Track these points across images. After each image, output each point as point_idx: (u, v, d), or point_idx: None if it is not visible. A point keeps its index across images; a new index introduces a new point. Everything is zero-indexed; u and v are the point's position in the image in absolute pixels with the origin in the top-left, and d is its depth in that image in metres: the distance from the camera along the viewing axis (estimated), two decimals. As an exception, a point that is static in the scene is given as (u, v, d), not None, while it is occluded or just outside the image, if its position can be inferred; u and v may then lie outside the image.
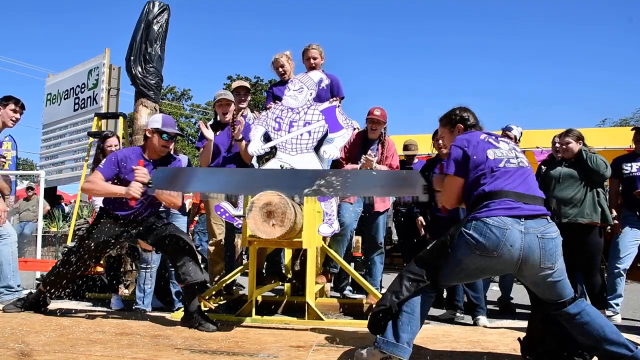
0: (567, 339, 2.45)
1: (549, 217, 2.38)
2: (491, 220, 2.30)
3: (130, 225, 3.55)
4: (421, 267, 2.46)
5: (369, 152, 4.33)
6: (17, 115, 4.01)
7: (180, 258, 3.42)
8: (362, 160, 4.23)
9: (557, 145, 4.35)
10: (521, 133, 4.81)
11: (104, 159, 3.48)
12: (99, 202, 4.00)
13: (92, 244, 3.52)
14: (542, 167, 4.55)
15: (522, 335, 2.66)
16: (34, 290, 3.91)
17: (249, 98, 4.95)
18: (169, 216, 4.48)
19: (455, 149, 2.54)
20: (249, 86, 4.93)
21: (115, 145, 4.49)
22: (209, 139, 4.23)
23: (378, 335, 2.43)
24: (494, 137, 2.61)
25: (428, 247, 2.53)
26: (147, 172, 3.34)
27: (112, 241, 3.56)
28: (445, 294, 4.38)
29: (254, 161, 4.44)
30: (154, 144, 3.49)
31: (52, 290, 3.61)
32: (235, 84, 4.93)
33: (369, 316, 2.61)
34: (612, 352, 2.29)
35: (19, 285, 3.91)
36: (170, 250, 3.48)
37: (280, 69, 4.55)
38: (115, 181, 3.45)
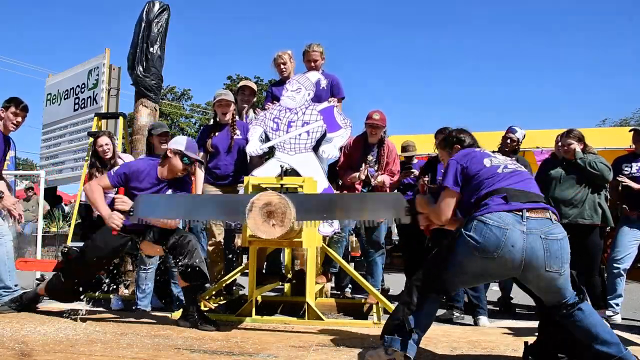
0: (568, 343, 2.43)
1: (553, 217, 2.32)
2: (491, 220, 2.25)
3: (135, 232, 3.49)
4: (428, 276, 2.41)
5: (368, 156, 4.33)
6: (19, 119, 3.76)
7: (191, 258, 3.38)
8: (361, 174, 4.26)
9: (559, 145, 4.33)
10: (524, 135, 4.79)
11: (119, 166, 3.48)
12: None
13: (98, 255, 3.48)
14: (544, 167, 4.54)
15: (524, 337, 2.65)
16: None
17: (254, 99, 4.94)
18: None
19: (452, 163, 2.58)
20: (254, 87, 4.91)
21: (106, 144, 4.36)
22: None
23: (387, 335, 2.40)
24: (491, 152, 2.69)
25: (432, 253, 2.51)
26: (127, 200, 3.33)
27: (118, 250, 3.55)
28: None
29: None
30: (174, 165, 3.44)
31: (54, 299, 3.61)
32: (241, 83, 4.93)
33: (384, 325, 2.53)
34: (602, 352, 2.26)
35: (16, 285, 3.91)
36: (183, 251, 3.42)
37: (282, 67, 4.55)
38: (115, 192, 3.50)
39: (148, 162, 3.58)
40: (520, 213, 2.27)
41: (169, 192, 3.50)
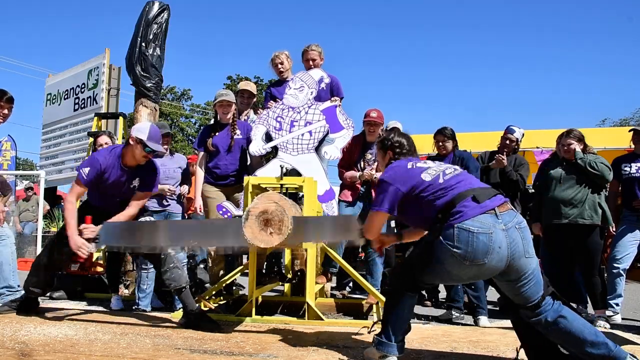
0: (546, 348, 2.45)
1: (512, 208, 2.43)
2: (474, 228, 2.28)
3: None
4: (403, 273, 2.53)
5: (367, 154, 4.32)
6: (5, 111, 3.68)
7: (161, 264, 3.40)
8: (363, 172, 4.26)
9: (560, 145, 4.33)
10: (522, 134, 4.79)
11: (89, 165, 3.38)
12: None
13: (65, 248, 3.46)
14: (544, 167, 4.54)
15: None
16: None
17: (254, 100, 4.94)
18: (167, 216, 4.48)
19: (388, 187, 2.52)
20: (253, 89, 4.90)
21: (106, 144, 4.35)
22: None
23: (375, 335, 2.53)
24: (420, 162, 2.66)
25: (408, 255, 2.55)
26: (95, 229, 3.28)
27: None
28: (445, 294, 4.37)
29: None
30: (135, 153, 3.38)
31: (36, 289, 3.60)
32: (241, 85, 4.92)
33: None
34: (593, 354, 2.27)
35: (18, 285, 3.91)
36: (151, 257, 3.44)
37: (280, 66, 4.55)
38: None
39: (110, 154, 3.47)
40: (494, 211, 2.34)
41: (135, 181, 3.45)
